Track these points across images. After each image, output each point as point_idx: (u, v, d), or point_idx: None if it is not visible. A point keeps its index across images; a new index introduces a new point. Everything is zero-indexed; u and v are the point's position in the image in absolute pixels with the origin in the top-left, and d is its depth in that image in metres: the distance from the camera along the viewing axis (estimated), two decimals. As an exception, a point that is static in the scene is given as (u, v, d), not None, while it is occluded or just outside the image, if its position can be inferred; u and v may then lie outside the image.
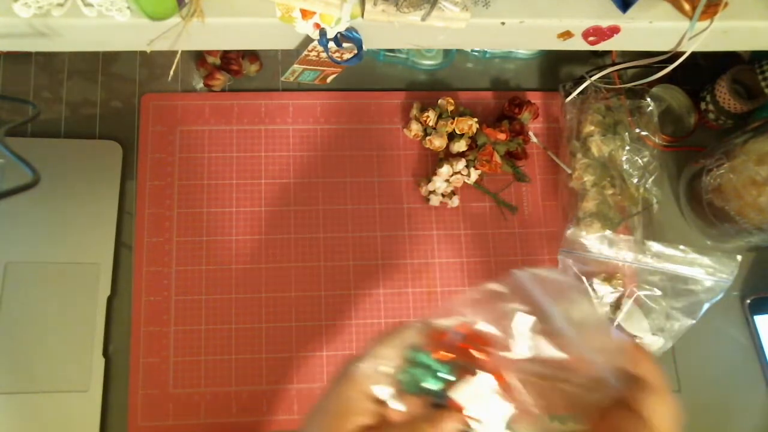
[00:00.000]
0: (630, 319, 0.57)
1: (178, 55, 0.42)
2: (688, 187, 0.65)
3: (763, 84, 0.61)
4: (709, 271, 0.57)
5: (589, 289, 0.58)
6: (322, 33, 0.41)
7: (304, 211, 0.62)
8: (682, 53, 0.47)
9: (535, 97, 0.66)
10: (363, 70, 0.66)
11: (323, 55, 0.45)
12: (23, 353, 0.55)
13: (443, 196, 0.62)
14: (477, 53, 0.68)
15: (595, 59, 0.69)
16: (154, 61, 0.64)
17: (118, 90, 0.63)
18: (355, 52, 0.45)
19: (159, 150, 0.61)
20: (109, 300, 0.57)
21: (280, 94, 0.64)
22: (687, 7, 0.43)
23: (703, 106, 0.67)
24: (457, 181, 0.61)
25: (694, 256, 0.57)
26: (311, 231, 0.61)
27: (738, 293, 0.65)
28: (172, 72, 0.46)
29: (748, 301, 0.64)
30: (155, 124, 0.62)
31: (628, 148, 0.60)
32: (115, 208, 0.59)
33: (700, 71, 0.68)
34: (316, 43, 0.43)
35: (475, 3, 0.42)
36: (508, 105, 0.64)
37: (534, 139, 0.65)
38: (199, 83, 0.64)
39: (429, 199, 0.62)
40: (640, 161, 0.61)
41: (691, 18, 0.44)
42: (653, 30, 0.45)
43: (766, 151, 0.55)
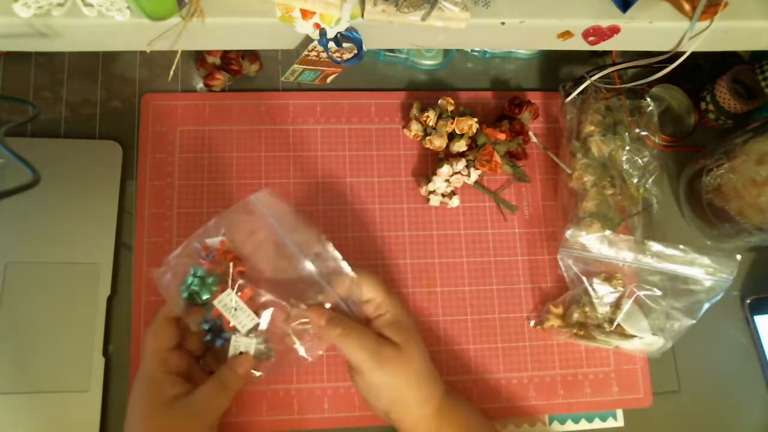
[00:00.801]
0: (630, 319, 0.57)
1: (178, 55, 0.42)
2: (688, 187, 0.66)
3: (763, 84, 0.61)
4: (709, 271, 0.57)
5: (590, 289, 0.58)
6: (322, 33, 0.41)
7: (304, 211, 0.62)
8: (682, 53, 0.47)
9: (535, 97, 0.66)
10: (363, 70, 0.66)
11: (323, 55, 0.45)
12: (23, 353, 0.55)
13: (443, 196, 0.62)
14: (477, 53, 0.68)
15: (595, 59, 0.69)
16: (154, 61, 0.64)
17: (118, 90, 0.63)
18: (355, 52, 0.45)
19: (159, 150, 0.61)
20: (109, 300, 0.57)
21: (280, 94, 0.64)
22: (687, 7, 0.44)
23: (703, 106, 0.67)
24: (457, 181, 0.61)
25: (694, 256, 0.57)
26: (311, 231, 0.61)
27: (738, 293, 0.65)
28: (172, 72, 0.46)
29: (748, 301, 0.64)
30: (155, 124, 0.62)
31: (628, 148, 0.60)
32: (115, 208, 0.59)
33: (700, 71, 0.68)
34: (316, 43, 0.43)
35: (475, 3, 0.42)
36: (508, 105, 0.64)
37: (534, 139, 0.65)
38: (199, 83, 0.64)
39: (429, 199, 0.62)
40: (640, 161, 0.61)
41: (691, 18, 0.44)
42: (653, 30, 0.45)
43: (766, 151, 0.56)
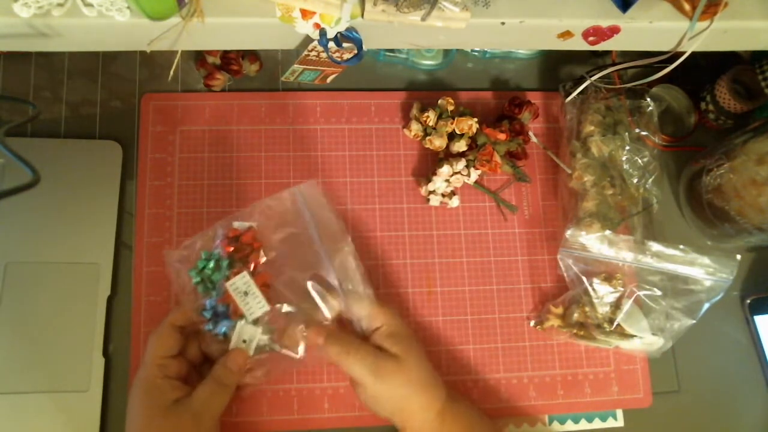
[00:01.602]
0: (630, 319, 0.57)
1: (178, 55, 0.42)
2: (688, 187, 0.66)
3: (763, 84, 0.61)
4: (709, 270, 0.57)
5: (590, 289, 0.58)
6: (322, 33, 0.41)
7: (304, 211, 0.62)
8: (682, 53, 0.47)
9: (535, 97, 0.66)
10: (363, 70, 0.66)
11: (323, 55, 0.45)
12: (23, 353, 0.55)
13: (443, 196, 0.62)
14: (477, 53, 0.68)
15: (595, 59, 0.69)
16: (154, 61, 0.64)
17: (118, 90, 0.63)
18: (355, 52, 0.45)
19: (159, 150, 0.61)
20: (109, 300, 0.57)
21: (280, 94, 0.64)
22: (687, 7, 0.44)
23: (703, 106, 0.67)
24: (457, 181, 0.61)
25: (694, 255, 0.57)
26: (311, 231, 0.61)
27: (738, 293, 0.65)
28: (172, 72, 0.46)
29: (748, 301, 0.64)
30: (155, 124, 0.62)
31: (628, 148, 0.60)
32: (115, 208, 0.59)
33: (700, 71, 0.68)
34: (316, 43, 0.43)
35: (475, 3, 0.42)
36: (508, 105, 0.64)
37: (534, 139, 0.65)
38: (199, 83, 0.64)
39: (429, 199, 0.62)
40: (640, 161, 0.61)
41: (691, 18, 0.44)
42: (653, 30, 0.45)
43: (766, 151, 0.55)
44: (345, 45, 0.43)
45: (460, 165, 0.61)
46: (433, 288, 0.62)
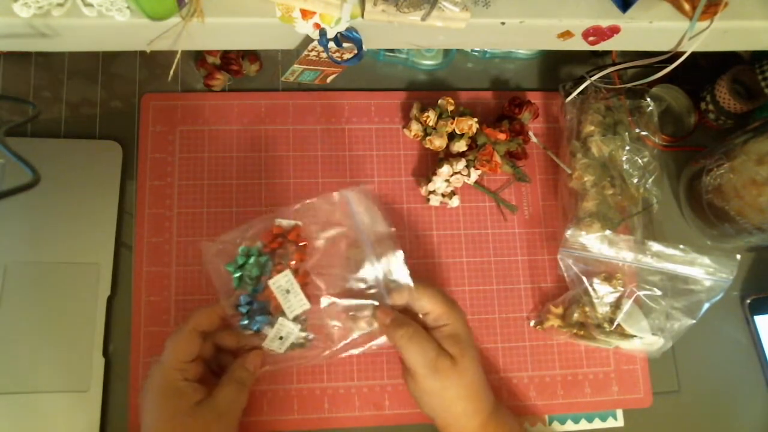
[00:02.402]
0: (630, 319, 0.57)
1: (178, 55, 0.42)
2: (688, 187, 0.66)
3: (763, 84, 0.61)
4: (709, 270, 0.57)
5: (590, 289, 0.58)
6: (322, 33, 0.41)
7: (304, 211, 0.62)
8: (682, 53, 0.47)
9: (535, 97, 0.66)
10: (363, 70, 0.66)
11: (323, 55, 0.45)
12: (23, 353, 0.55)
13: (443, 196, 0.62)
14: (477, 53, 0.68)
15: (595, 59, 0.69)
16: (154, 61, 0.64)
17: (118, 90, 0.63)
18: (355, 52, 0.45)
19: (159, 150, 0.61)
20: (109, 300, 0.57)
21: (280, 94, 0.64)
22: (687, 7, 0.44)
23: (703, 106, 0.67)
24: (457, 181, 0.61)
25: (694, 255, 0.57)
26: (311, 231, 0.61)
27: (738, 293, 0.65)
28: (172, 72, 0.46)
29: (748, 301, 0.64)
30: (155, 124, 0.62)
31: (628, 148, 0.60)
32: (115, 208, 0.59)
33: (700, 71, 0.68)
34: (316, 43, 0.43)
35: (475, 3, 0.42)
36: (508, 105, 0.64)
37: (534, 139, 0.65)
38: (199, 83, 0.64)
39: (429, 199, 0.62)
40: (640, 161, 0.61)
41: (691, 18, 0.44)
42: (653, 30, 0.45)
43: (766, 151, 0.55)
44: (345, 45, 0.43)
45: (460, 165, 0.61)
46: (433, 288, 0.61)
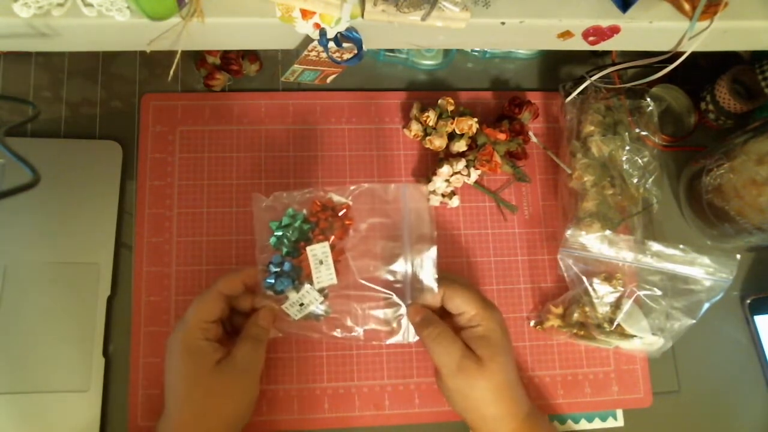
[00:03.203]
0: (630, 319, 0.57)
1: (178, 55, 0.42)
2: (688, 187, 0.66)
3: (763, 84, 0.61)
4: (709, 270, 0.57)
5: (590, 289, 0.58)
6: (322, 33, 0.41)
7: (304, 211, 0.62)
8: (682, 53, 0.47)
9: (535, 97, 0.66)
10: (363, 70, 0.66)
11: (323, 55, 0.45)
12: (23, 353, 0.55)
13: (443, 196, 0.62)
14: (477, 53, 0.68)
15: (595, 59, 0.69)
16: (154, 61, 0.64)
17: (118, 90, 0.63)
18: (355, 52, 0.45)
19: (159, 150, 0.61)
20: (109, 300, 0.57)
21: (280, 94, 0.64)
22: (687, 7, 0.44)
23: (703, 106, 0.67)
24: (457, 181, 0.61)
25: (694, 255, 0.57)
26: (311, 231, 0.61)
27: (738, 293, 0.65)
28: (172, 72, 0.46)
29: (748, 301, 0.64)
30: (155, 124, 0.62)
31: (628, 148, 0.60)
32: (115, 208, 0.59)
33: (700, 71, 0.68)
34: (316, 43, 0.43)
35: (475, 3, 0.42)
36: (508, 105, 0.64)
37: (534, 139, 0.65)
38: (199, 83, 0.64)
39: (429, 199, 0.62)
40: (640, 161, 0.61)
41: (691, 18, 0.44)
42: (653, 30, 0.45)
43: (766, 151, 0.55)
44: (345, 45, 0.43)
45: (460, 165, 0.61)
46: (433, 288, 0.62)
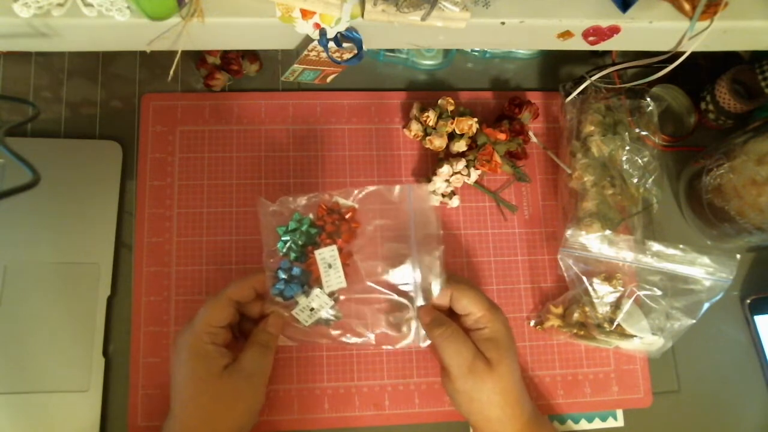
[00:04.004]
0: (630, 319, 0.57)
1: (178, 55, 0.42)
2: (688, 187, 0.66)
3: (763, 84, 0.61)
4: (709, 270, 0.57)
5: (590, 289, 0.58)
6: (322, 33, 0.41)
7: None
8: (682, 53, 0.47)
9: (535, 97, 0.66)
10: (363, 70, 0.66)
11: (323, 55, 0.45)
12: (23, 353, 0.55)
13: (443, 196, 0.62)
14: (477, 53, 0.68)
15: (595, 59, 0.69)
16: (154, 61, 0.64)
17: (118, 90, 0.63)
18: (355, 52, 0.45)
19: (159, 150, 0.61)
20: (109, 300, 0.57)
21: (280, 94, 0.64)
22: (687, 7, 0.44)
23: (703, 106, 0.67)
24: (457, 181, 0.61)
25: (694, 255, 0.57)
26: (311, 231, 0.61)
27: (738, 293, 0.65)
28: (172, 72, 0.46)
29: (748, 301, 0.64)
30: (155, 124, 0.62)
31: (628, 148, 0.60)
32: (115, 208, 0.59)
33: (700, 71, 0.68)
34: (316, 43, 0.43)
35: (475, 3, 0.42)
36: (508, 105, 0.64)
37: (534, 139, 0.65)
38: (199, 83, 0.64)
39: (429, 199, 0.62)
40: (640, 161, 0.61)
41: (691, 18, 0.44)
42: (653, 30, 0.45)
43: (766, 151, 0.55)
44: (345, 45, 0.43)
45: (460, 165, 0.61)
46: (433, 288, 0.62)
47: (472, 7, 0.42)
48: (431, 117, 0.61)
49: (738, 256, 0.56)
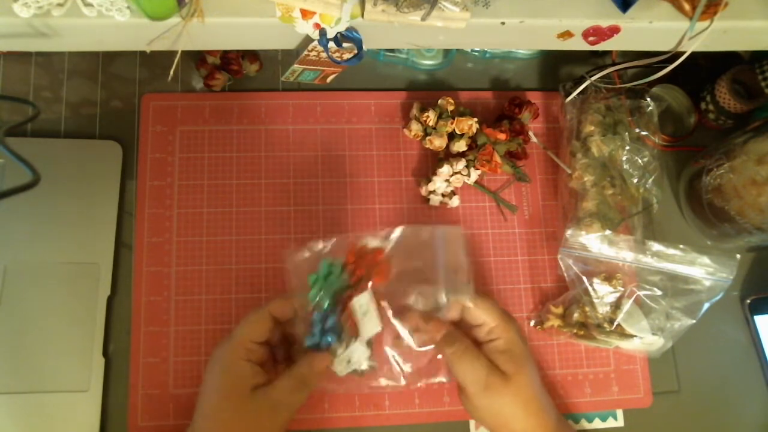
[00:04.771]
0: (630, 319, 0.57)
1: (178, 55, 0.42)
2: (688, 187, 0.66)
3: (763, 84, 0.61)
4: (709, 270, 0.57)
5: (590, 289, 0.58)
6: (322, 33, 0.41)
7: (304, 211, 0.62)
8: (682, 53, 0.47)
9: (535, 97, 0.66)
10: (363, 70, 0.66)
11: (323, 55, 0.45)
12: (23, 353, 0.55)
13: (443, 196, 0.62)
14: (477, 53, 0.68)
15: (595, 59, 0.69)
16: (154, 61, 0.64)
17: (118, 90, 0.63)
18: (355, 52, 0.45)
19: (159, 150, 0.61)
20: (109, 300, 0.57)
21: (280, 94, 0.64)
22: (687, 7, 0.44)
23: (703, 106, 0.67)
24: (457, 181, 0.61)
25: (694, 255, 0.57)
26: (311, 231, 0.61)
27: (738, 293, 0.65)
28: (172, 72, 0.46)
29: (748, 301, 0.64)
30: (155, 124, 0.62)
31: (628, 148, 0.60)
32: (115, 208, 0.59)
33: (700, 71, 0.68)
34: (316, 43, 0.43)
35: (475, 3, 0.42)
36: (508, 105, 0.64)
37: (534, 139, 0.65)
38: (199, 83, 0.64)
39: (429, 199, 0.62)
40: (640, 161, 0.61)
41: (691, 18, 0.44)
42: (653, 30, 0.45)
43: (766, 151, 0.55)
44: (345, 45, 0.43)
45: (460, 165, 0.61)
46: (433, 288, 0.61)
47: (472, 7, 0.42)
48: (431, 117, 0.61)
49: (738, 256, 0.56)
